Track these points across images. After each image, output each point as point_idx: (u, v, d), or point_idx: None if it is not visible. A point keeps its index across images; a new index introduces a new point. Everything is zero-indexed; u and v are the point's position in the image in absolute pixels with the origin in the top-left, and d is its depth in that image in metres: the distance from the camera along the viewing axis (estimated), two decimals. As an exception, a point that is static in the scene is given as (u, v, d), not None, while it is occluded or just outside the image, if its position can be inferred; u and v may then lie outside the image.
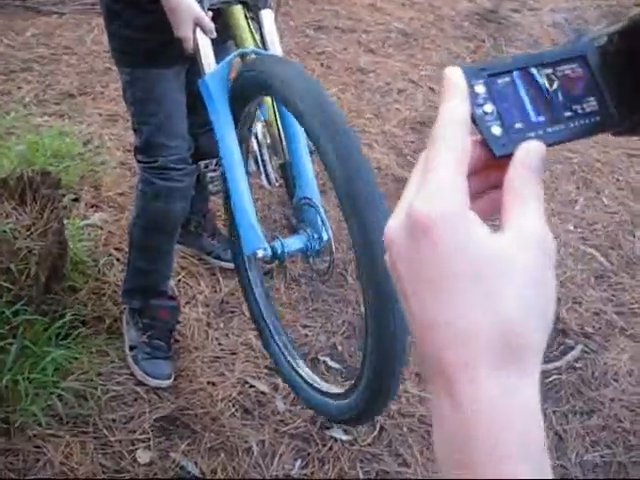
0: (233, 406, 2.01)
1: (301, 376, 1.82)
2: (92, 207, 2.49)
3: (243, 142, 1.71)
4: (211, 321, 2.27)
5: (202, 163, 1.94)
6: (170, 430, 1.91)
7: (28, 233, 1.89)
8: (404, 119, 3.42)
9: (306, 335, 2.31)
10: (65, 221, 2.11)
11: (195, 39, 1.59)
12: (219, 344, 2.20)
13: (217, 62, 1.62)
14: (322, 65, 3.69)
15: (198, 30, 1.59)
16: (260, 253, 1.56)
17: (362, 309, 2.44)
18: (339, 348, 2.29)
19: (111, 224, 2.44)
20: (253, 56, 1.60)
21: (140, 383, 1.99)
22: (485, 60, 3.85)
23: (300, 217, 1.61)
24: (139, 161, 1.85)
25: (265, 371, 2.13)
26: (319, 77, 3.60)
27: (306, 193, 1.60)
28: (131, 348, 2.03)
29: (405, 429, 2.01)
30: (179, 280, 2.37)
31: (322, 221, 1.56)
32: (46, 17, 3.78)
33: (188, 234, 2.33)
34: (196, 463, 1.85)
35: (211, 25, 1.60)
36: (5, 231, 1.85)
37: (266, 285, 2.04)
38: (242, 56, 1.63)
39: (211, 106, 1.60)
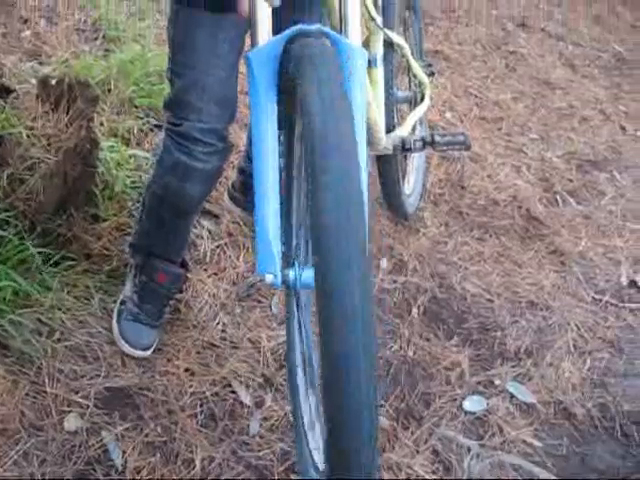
0: (200, 406, 1.73)
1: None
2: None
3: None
4: (228, 303, 1.99)
5: None
6: (115, 405, 1.66)
7: (46, 143, 1.70)
8: (573, 152, 2.88)
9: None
10: (105, 144, 1.91)
11: (252, 2, 1.27)
12: (223, 331, 1.92)
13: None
14: (507, 66, 3.21)
15: None
16: (268, 279, 1.28)
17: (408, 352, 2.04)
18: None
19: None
20: (307, 39, 1.23)
21: (112, 342, 1.77)
22: None
23: None
24: (166, 120, 1.58)
25: (259, 381, 1.82)
26: (497, 77, 3.13)
27: None
28: (122, 302, 1.81)
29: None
30: (218, 246, 2.11)
31: None
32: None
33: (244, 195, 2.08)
34: (124, 452, 1.59)
35: None
36: (21, 134, 1.67)
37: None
38: (302, 34, 1.26)
39: (250, 87, 1.28)
